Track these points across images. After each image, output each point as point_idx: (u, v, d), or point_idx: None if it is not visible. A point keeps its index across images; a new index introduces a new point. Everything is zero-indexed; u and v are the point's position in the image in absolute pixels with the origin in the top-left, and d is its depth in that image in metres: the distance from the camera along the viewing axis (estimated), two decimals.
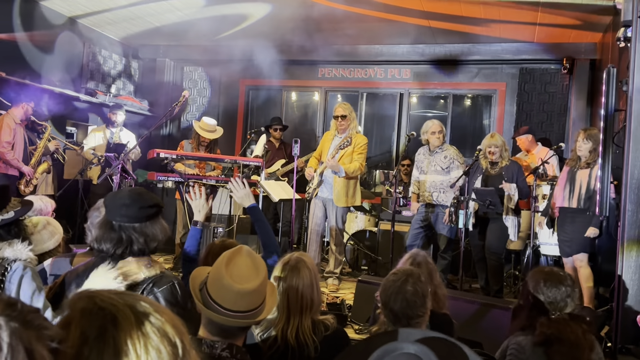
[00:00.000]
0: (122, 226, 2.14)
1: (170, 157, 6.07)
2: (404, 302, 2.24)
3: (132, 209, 2.15)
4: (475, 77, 8.64)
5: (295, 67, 9.06)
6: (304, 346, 2.25)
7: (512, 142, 8.27)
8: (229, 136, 9.45)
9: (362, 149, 5.95)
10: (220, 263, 1.85)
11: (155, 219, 2.21)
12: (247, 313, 1.82)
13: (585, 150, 4.99)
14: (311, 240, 6.10)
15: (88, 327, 0.88)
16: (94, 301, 0.92)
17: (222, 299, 1.79)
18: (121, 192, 2.26)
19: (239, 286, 1.79)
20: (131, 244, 2.15)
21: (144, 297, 0.98)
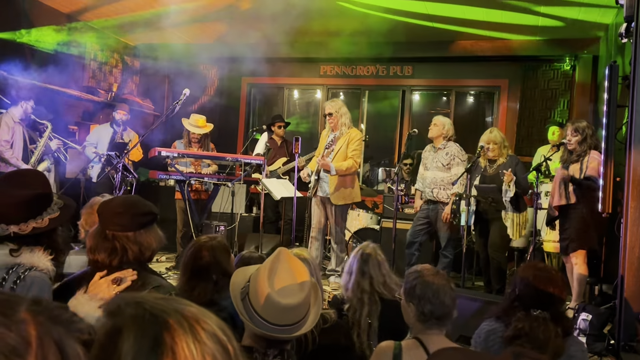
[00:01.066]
0: (116, 235, 2.10)
1: (172, 156, 6.08)
2: (442, 306, 2.24)
3: (125, 217, 2.10)
4: (478, 74, 8.60)
5: (297, 64, 9.04)
6: (302, 339, 2.24)
7: (516, 139, 8.25)
8: (231, 134, 9.45)
9: (356, 145, 5.89)
10: (263, 275, 1.78)
11: (149, 227, 2.16)
12: (293, 326, 1.78)
13: (574, 142, 4.96)
14: (312, 239, 6.09)
15: (141, 337, 0.82)
16: (144, 307, 0.85)
17: (269, 315, 1.74)
18: (114, 200, 2.21)
19: (284, 302, 1.74)
20: (125, 253, 2.10)
21: (187, 301, 0.93)
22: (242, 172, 6.41)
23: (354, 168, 5.91)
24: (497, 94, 8.58)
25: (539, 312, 2.42)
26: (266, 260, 1.87)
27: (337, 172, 5.77)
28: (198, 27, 8.15)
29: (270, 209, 7.53)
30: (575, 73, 7.86)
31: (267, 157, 7.11)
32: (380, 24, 7.29)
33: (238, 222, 7.05)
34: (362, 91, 9.23)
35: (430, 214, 5.99)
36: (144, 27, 8.21)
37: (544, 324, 2.38)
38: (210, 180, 6.35)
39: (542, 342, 2.32)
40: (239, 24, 7.80)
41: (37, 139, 6.50)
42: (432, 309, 2.22)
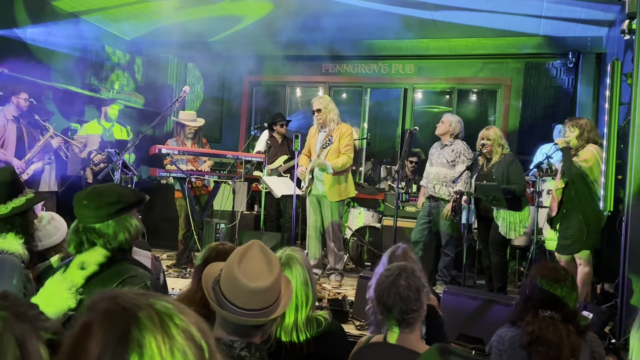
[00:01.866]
0: (85, 227, 2.11)
1: (172, 153, 6.07)
2: (397, 297, 2.19)
3: (89, 209, 2.10)
4: (480, 72, 8.57)
5: (299, 63, 9.03)
6: (297, 344, 2.22)
7: (518, 137, 8.22)
8: (233, 132, 9.45)
9: (348, 140, 5.82)
10: (233, 260, 1.79)
11: (118, 217, 2.13)
12: (261, 311, 1.77)
13: (573, 138, 4.93)
14: (310, 238, 6.06)
15: (110, 329, 0.84)
16: (117, 302, 0.88)
17: (236, 298, 1.74)
18: (81, 193, 2.19)
19: (252, 284, 1.73)
20: (93, 246, 2.10)
21: (167, 297, 0.93)
22: (243, 170, 6.40)
23: (349, 163, 5.86)
24: (500, 92, 8.55)
25: (548, 312, 2.40)
26: (237, 248, 1.87)
27: (334, 170, 5.73)
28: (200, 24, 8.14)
29: (271, 207, 7.52)
30: (578, 70, 7.82)
31: (268, 155, 7.09)
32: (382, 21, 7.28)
33: (239, 220, 7.04)
34: (363, 89, 9.21)
35: (432, 211, 5.97)
36: (145, 24, 8.20)
37: (553, 324, 2.36)
38: (211, 178, 6.34)
39: (554, 343, 2.31)
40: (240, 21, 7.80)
41: (39, 137, 6.49)
42: (388, 302, 2.21)
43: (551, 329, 2.34)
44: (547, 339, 2.33)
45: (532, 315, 2.42)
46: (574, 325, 2.38)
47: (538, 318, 2.39)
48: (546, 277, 2.48)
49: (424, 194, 6.16)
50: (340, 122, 5.94)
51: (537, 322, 2.38)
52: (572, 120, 5.02)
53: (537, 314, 2.42)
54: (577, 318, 2.45)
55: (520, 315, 2.49)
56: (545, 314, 2.41)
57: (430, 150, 6.29)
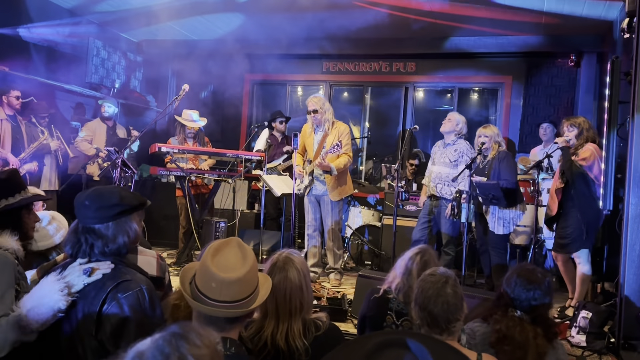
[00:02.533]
0: (84, 228, 2.09)
1: (172, 152, 6.08)
2: (445, 305, 2.17)
3: (90, 210, 2.08)
4: (481, 71, 8.55)
5: (300, 61, 9.03)
6: (295, 350, 2.20)
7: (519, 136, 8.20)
8: (233, 130, 9.44)
9: (347, 139, 5.82)
10: (207, 254, 1.81)
11: (118, 220, 2.11)
12: (234, 303, 1.77)
13: (572, 137, 4.92)
14: (310, 237, 6.06)
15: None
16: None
17: (208, 289, 1.76)
18: (83, 193, 2.18)
19: (223, 275, 1.75)
20: (92, 247, 2.09)
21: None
22: (243, 169, 6.40)
23: (349, 163, 5.89)
24: (501, 90, 8.53)
25: (517, 312, 2.40)
26: (213, 243, 1.87)
27: (338, 171, 5.74)
28: (201, 22, 8.14)
29: (271, 205, 7.52)
30: (580, 69, 7.79)
31: (268, 153, 7.09)
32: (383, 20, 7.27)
33: (239, 219, 7.04)
34: (364, 88, 9.20)
35: (433, 210, 5.96)
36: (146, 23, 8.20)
37: (520, 324, 2.36)
38: (211, 177, 6.35)
39: (520, 343, 2.31)
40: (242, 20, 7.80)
41: (38, 136, 6.50)
42: (434, 310, 2.18)
43: (518, 329, 2.34)
44: (514, 339, 2.32)
45: (501, 314, 2.42)
46: (542, 329, 2.37)
47: (506, 317, 2.39)
48: (522, 277, 2.48)
49: (426, 193, 6.16)
50: (335, 121, 5.94)
51: (504, 320, 2.38)
52: (570, 120, 5.01)
53: (507, 313, 2.41)
54: (547, 322, 2.44)
55: (491, 311, 2.48)
56: (515, 314, 2.40)
57: (432, 148, 6.27)
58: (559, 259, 5.07)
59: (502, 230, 5.37)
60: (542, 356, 2.32)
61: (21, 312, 1.95)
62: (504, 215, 5.36)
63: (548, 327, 2.41)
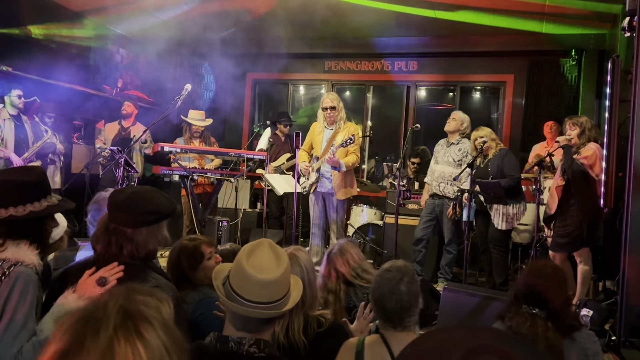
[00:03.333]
0: (116, 229, 2.07)
1: (175, 151, 6.10)
2: (399, 303, 2.19)
3: (127, 213, 2.06)
4: (483, 69, 8.55)
5: (302, 60, 9.04)
6: (295, 345, 2.22)
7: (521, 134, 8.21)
8: (235, 130, 9.46)
9: (357, 140, 5.90)
10: (242, 255, 1.80)
11: (152, 226, 2.10)
12: (270, 304, 1.77)
13: (574, 136, 4.93)
14: (314, 235, 6.09)
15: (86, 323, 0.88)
16: (114, 299, 0.93)
17: (244, 290, 1.75)
18: (122, 193, 2.14)
19: (260, 276, 1.74)
20: (121, 249, 2.07)
21: (163, 304, 0.98)
22: (245, 168, 6.42)
23: (357, 162, 5.94)
24: (503, 89, 8.53)
25: (529, 308, 2.40)
26: (247, 244, 1.88)
27: (346, 168, 5.77)
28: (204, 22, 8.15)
29: (274, 204, 7.54)
30: (582, 68, 7.79)
31: (271, 152, 7.11)
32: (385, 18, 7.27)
33: (241, 218, 7.06)
34: (366, 87, 9.21)
35: (435, 208, 5.98)
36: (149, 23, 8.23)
37: (531, 320, 2.36)
38: (213, 176, 6.37)
39: (530, 338, 2.31)
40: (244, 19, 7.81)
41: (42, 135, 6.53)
42: (388, 306, 2.20)
43: (528, 324, 2.34)
44: (522, 334, 2.32)
45: (514, 311, 2.43)
46: (556, 324, 2.38)
47: (518, 313, 2.40)
48: (531, 273, 2.48)
49: (428, 192, 6.17)
50: (346, 120, 5.99)
51: (516, 317, 2.39)
52: (572, 119, 5.02)
53: (519, 310, 2.42)
54: (562, 316, 2.44)
55: (506, 310, 2.50)
56: (528, 310, 2.41)
57: (435, 147, 6.29)
58: (556, 258, 5.08)
59: (505, 226, 5.39)
60: (555, 349, 2.33)
61: (46, 334, 1.90)
62: (507, 211, 5.38)
63: (562, 321, 2.42)
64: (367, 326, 2.76)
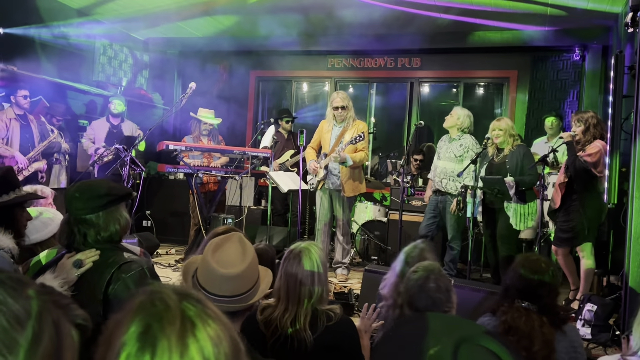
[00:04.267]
0: (75, 219, 2.15)
1: (179, 149, 6.13)
2: (429, 300, 2.20)
3: (80, 201, 2.14)
4: (487, 65, 8.55)
5: (305, 57, 9.06)
6: (302, 337, 2.25)
7: (525, 130, 8.21)
8: (239, 127, 9.49)
9: (366, 137, 5.94)
10: (208, 249, 1.86)
11: (108, 208, 2.17)
12: (233, 298, 1.82)
13: (579, 132, 4.94)
14: (319, 232, 6.12)
15: (136, 322, 0.87)
16: (152, 297, 0.91)
17: (208, 284, 1.81)
18: (72, 187, 2.24)
19: (223, 270, 1.80)
20: (85, 236, 2.14)
21: (207, 301, 0.96)
22: (250, 165, 6.45)
23: (366, 160, 6.00)
24: (506, 85, 8.53)
25: (524, 303, 2.42)
26: (216, 238, 1.91)
27: (353, 164, 5.79)
28: (207, 20, 8.18)
29: (278, 202, 7.57)
30: (585, 63, 7.79)
31: (275, 150, 7.14)
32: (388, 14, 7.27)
33: (246, 215, 7.09)
34: (370, 83, 9.23)
35: (438, 205, 5.99)
36: (153, 21, 8.26)
37: (526, 314, 2.38)
38: (218, 173, 6.40)
39: (525, 333, 2.33)
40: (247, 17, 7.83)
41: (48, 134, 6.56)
42: (420, 305, 2.22)
43: (524, 319, 2.35)
44: (519, 329, 2.33)
45: (508, 305, 2.44)
46: (549, 317, 2.40)
47: (512, 308, 2.41)
48: (526, 267, 2.48)
49: (431, 188, 6.18)
50: (355, 118, 6.03)
51: (510, 311, 2.40)
52: (578, 115, 5.02)
53: (513, 304, 2.43)
54: (554, 310, 2.46)
55: (498, 304, 2.51)
56: (521, 304, 2.42)
57: (438, 143, 6.30)
58: (559, 253, 5.09)
59: (523, 226, 5.38)
60: (549, 344, 2.35)
61: None
62: (524, 210, 5.38)
63: (555, 314, 2.43)
64: (370, 326, 2.77)
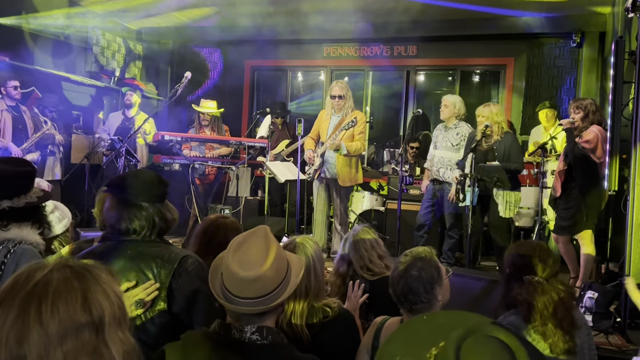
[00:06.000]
0: (149, 206, 2.15)
1: (175, 140, 6.08)
2: (406, 287, 2.19)
3: (157, 188, 2.19)
4: (483, 53, 8.50)
5: (300, 46, 8.97)
6: (298, 335, 2.22)
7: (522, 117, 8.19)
8: (235, 117, 9.42)
9: (362, 127, 5.90)
10: (230, 249, 1.75)
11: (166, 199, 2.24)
12: (257, 299, 1.70)
13: (578, 119, 4.91)
14: (317, 221, 6.08)
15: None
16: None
17: (230, 285, 1.71)
18: (143, 172, 2.28)
19: (243, 273, 1.68)
20: (155, 225, 2.16)
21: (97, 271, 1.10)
22: (246, 155, 6.40)
23: (362, 149, 5.94)
24: (503, 72, 8.49)
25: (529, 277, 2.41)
26: (240, 234, 1.82)
27: (348, 152, 5.74)
28: (201, 10, 8.09)
29: (275, 192, 7.53)
30: (582, 50, 7.75)
31: (271, 140, 7.09)
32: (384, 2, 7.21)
33: (243, 206, 7.05)
34: (366, 72, 9.16)
35: (436, 193, 5.97)
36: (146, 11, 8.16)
37: (540, 286, 2.38)
38: (214, 164, 6.36)
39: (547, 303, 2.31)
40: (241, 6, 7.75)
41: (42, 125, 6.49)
42: (396, 290, 2.22)
43: (539, 291, 2.35)
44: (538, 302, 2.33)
45: (518, 285, 2.42)
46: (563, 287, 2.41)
47: (523, 286, 2.40)
48: (522, 248, 2.53)
49: (428, 177, 6.15)
50: (354, 109, 5.98)
51: (523, 290, 2.39)
52: (577, 102, 4.99)
53: (522, 282, 2.42)
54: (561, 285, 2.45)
55: (508, 290, 2.48)
56: (531, 279, 2.41)
57: (434, 132, 6.27)
58: (559, 241, 5.08)
59: (510, 214, 5.40)
60: (569, 309, 2.37)
61: None
62: (511, 198, 5.39)
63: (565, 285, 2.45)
64: (357, 304, 2.83)
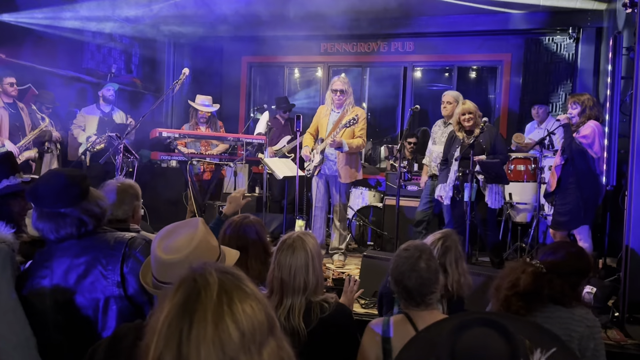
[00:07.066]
0: (72, 210, 2.11)
1: (173, 136, 6.07)
2: (419, 280, 2.21)
3: (75, 189, 2.11)
4: (480, 49, 8.50)
5: (298, 42, 8.96)
6: (296, 329, 2.23)
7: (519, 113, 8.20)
8: (232, 114, 9.40)
9: (363, 124, 5.85)
10: (159, 234, 1.77)
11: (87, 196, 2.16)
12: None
13: (575, 114, 4.92)
14: (315, 218, 6.07)
15: (179, 293, 1.02)
16: (194, 273, 1.06)
17: (155, 271, 1.73)
18: (56, 175, 2.14)
19: (165, 257, 1.69)
20: (85, 224, 2.14)
21: (245, 279, 1.07)
22: (244, 152, 6.39)
23: (363, 147, 5.90)
24: (500, 68, 8.49)
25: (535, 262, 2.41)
26: (172, 223, 1.83)
27: (349, 149, 5.73)
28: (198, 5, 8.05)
29: (276, 188, 7.53)
30: (579, 46, 7.76)
31: (270, 136, 7.07)
32: None
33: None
34: (363, 68, 9.15)
35: (434, 189, 5.97)
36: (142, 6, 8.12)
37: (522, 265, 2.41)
38: (212, 161, 6.35)
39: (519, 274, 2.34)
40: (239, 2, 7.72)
41: (39, 123, 6.46)
42: (409, 284, 2.22)
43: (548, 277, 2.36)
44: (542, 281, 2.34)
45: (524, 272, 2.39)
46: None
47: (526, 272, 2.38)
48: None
49: (427, 173, 6.15)
50: (355, 106, 5.95)
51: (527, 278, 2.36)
52: (574, 97, 4.99)
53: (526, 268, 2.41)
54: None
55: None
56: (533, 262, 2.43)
57: (433, 128, 6.26)
58: (557, 236, 5.09)
59: (497, 205, 5.41)
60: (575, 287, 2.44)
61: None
62: (498, 189, 5.40)
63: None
64: (353, 299, 2.87)
